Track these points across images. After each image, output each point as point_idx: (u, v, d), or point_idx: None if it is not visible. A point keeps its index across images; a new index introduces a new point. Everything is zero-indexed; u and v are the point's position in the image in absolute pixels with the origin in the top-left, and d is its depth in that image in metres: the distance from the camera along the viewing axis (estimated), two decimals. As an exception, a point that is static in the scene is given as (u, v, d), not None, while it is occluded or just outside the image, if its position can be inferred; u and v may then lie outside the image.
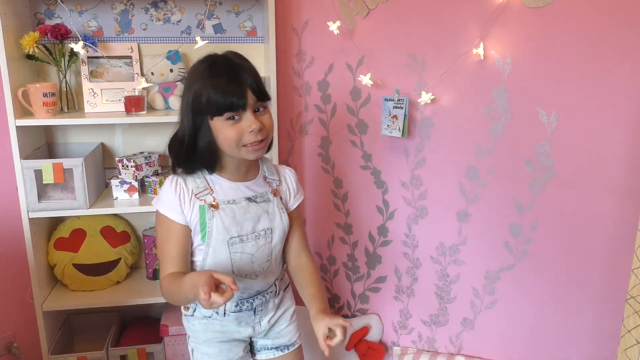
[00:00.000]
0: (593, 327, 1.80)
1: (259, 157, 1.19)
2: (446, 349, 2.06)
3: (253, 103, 1.13)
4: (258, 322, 1.32)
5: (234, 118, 1.12)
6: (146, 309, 2.17)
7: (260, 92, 1.14)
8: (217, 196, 1.19)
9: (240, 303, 1.27)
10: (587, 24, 1.61)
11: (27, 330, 2.05)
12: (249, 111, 1.12)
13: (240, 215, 1.20)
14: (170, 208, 1.18)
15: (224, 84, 1.10)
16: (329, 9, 1.90)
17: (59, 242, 1.91)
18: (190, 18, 1.97)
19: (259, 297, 1.29)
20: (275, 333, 1.37)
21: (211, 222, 1.18)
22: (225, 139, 1.13)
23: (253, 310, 1.29)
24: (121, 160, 1.87)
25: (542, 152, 1.74)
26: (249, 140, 1.13)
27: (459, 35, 1.77)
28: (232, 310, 1.27)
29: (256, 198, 1.23)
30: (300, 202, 1.34)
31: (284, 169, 1.34)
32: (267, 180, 1.28)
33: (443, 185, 1.92)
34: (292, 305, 1.40)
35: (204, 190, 1.19)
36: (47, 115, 1.72)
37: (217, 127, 1.13)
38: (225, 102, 1.10)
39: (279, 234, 1.26)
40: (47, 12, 1.88)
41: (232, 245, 1.20)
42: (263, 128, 1.14)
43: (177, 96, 1.91)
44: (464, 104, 1.82)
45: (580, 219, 1.74)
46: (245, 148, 1.14)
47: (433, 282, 2.02)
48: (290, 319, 1.39)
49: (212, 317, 1.27)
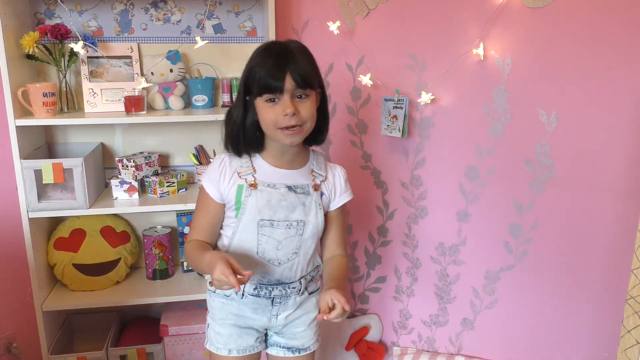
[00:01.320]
0: (593, 327, 1.80)
1: (293, 143, 1.20)
2: (446, 349, 2.06)
3: (292, 89, 1.15)
4: (275, 314, 1.31)
5: (273, 100, 1.16)
6: (146, 309, 2.17)
7: (302, 80, 1.15)
8: (257, 177, 1.23)
9: (259, 287, 1.27)
10: (586, 24, 1.61)
11: (26, 330, 2.05)
12: (286, 95, 1.15)
13: (276, 200, 1.22)
14: (210, 183, 1.24)
15: (267, 67, 1.15)
16: (329, 9, 1.90)
17: (59, 242, 1.90)
18: (190, 18, 1.97)
19: (278, 288, 1.28)
20: (290, 334, 1.36)
21: (246, 201, 1.21)
22: (263, 120, 1.18)
23: (271, 300, 1.29)
24: (121, 160, 1.87)
25: (542, 152, 1.74)
26: (282, 123, 1.16)
27: (459, 36, 1.77)
28: (250, 293, 1.28)
29: (296, 188, 1.24)
30: (344, 202, 1.33)
31: (335, 167, 1.34)
32: (313, 173, 1.29)
33: (443, 185, 1.92)
34: (313, 312, 1.37)
35: (247, 169, 1.23)
36: (47, 115, 1.72)
37: (259, 108, 1.18)
38: (264, 83, 1.15)
39: (311, 229, 1.26)
40: (47, 12, 1.88)
41: (261, 227, 1.22)
42: (297, 114, 1.15)
43: (177, 96, 1.91)
44: (464, 104, 1.82)
45: (580, 219, 1.74)
46: (280, 131, 1.17)
47: (433, 282, 2.02)
48: (309, 325, 1.37)
49: (230, 297, 1.29)
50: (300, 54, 1.17)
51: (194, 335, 1.91)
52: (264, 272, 1.26)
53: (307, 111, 1.18)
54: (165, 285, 1.96)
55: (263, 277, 1.27)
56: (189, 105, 1.97)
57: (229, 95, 1.97)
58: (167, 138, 2.04)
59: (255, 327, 1.33)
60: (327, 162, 1.34)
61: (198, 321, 1.92)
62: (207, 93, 1.93)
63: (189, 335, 1.91)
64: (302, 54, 1.18)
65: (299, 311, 1.34)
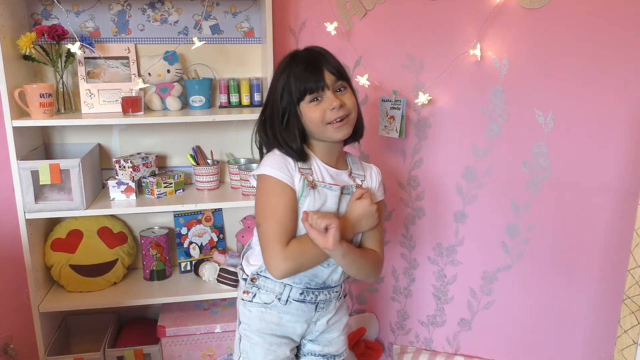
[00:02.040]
0: (589, 328, 1.80)
1: (344, 135, 1.21)
2: (443, 349, 2.07)
3: (332, 83, 1.19)
4: (315, 321, 1.30)
5: (316, 99, 1.19)
6: (143, 310, 2.16)
7: (337, 71, 1.19)
8: (316, 177, 1.22)
9: (305, 292, 1.25)
10: (583, 25, 1.61)
11: (23, 332, 2.04)
12: (329, 91, 1.18)
13: (331, 202, 1.21)
14: (280, 170, 1.19)
15: (302, 70, 1.18)
16: (327, 9, 1.90)
17: (56, 243, 1.90)
18: (188, 19, 1.96)
19: (324, 292, 1.27)
20: (325, 340, 1.35)
21: (304, 200, 1.19)
22: (311, 120, 1.19)
23: (315, 305, 1.27)
24: (118, 161, 1.87)
25: (538, 152, 1.75)
26: (331, 117, 1.18)
27: (456, 36, 1.77)
28: (295, 298, 1.25)
29: (347, 191, 1.25)
30: (379, 200, 1.32)
31: (371, 167, 1.36)
32: (352, 174, 1.30)
33: (440, 186, 1.92)
34: (345, 316, 1.39)
35: (307, 167, 1.22)
36: (44, 116, 1.71)
37: (304, 112, 1.20)
38: (305, 85, 1.17)
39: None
40: (44, 13, 1.88)
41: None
42: (344, 105, 1.19)
43: (174, 97, 1.91)
44: (461, 104, 1.82)
45: (576, 220, 1.75)
46: (330, 126, 1.19)
47: (430, 283, 2.02)
48: (342, 330, 1.38)
49: (271, 305, 1.26)
50: (326, 52, 1.23)
51: (191, 336, 1.90)
52: (313, 274, 1.24)
53: (351, 101, 1.21)
54: (162, 286, 1.96)
55: (311, 280, 1.25)
56: (187, 106, 1.97)
57: (226, 96, 1.97)
58: (164, 139, 2.04)
59: (292, 337, 1.31)
60: (361, 162, 1.36)
61: (195, 322, 1.92)
62: (204, 94, 1.93)
63: (186, 337, 1.90)
64: (328, 53, 1.23)
65: (335, 317, 1.34)
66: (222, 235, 2.12)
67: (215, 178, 1.98)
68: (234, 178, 1.99)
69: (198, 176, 1.97)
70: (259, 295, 1.27)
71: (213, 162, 1.98)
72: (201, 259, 2.05)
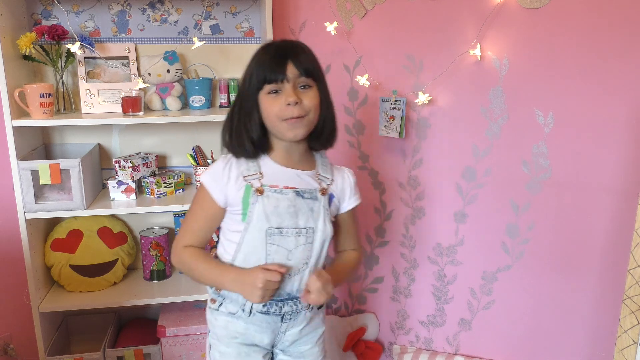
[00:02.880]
0: (590, 328, 1.80)
1: (296, 136, 1.15)
2: (443, 349, 2.07)
3: (294, 77, 1.12)
4: (284, 331, 1.25)
5: (276, 92, 1.13)
6: (143, 310, 2.16)
7: (303, 68, 1.13)
8: (264, 181, 1.17)
9: (268, 304, 1.20)
10: (583, 25, 1.61)
11: (23, 332, 2.04)
12: (289, 85, 1.12)
13: (284, 207, 1.16)
14: (215, 183, 1.18)
15: (268, 58, 1.13)
16: (326, 9, 1.90)
17: (56, 243, 1.90)
18: (188, 19, 1.96)
19: (289, 303, 1.22)
20: (298, 352, 1.29)
21: (253, 207, 1.15)
22: (266, 112, 1.14)
23: (281, 316, 1.22)
24: (118, 161, 1.87)
25: (538, 152, 1.75)
26: (286, 114, 1.12)
27: (456, 36, 1.77)
28: (259, 310, 1.21)
29: (304, 193, 1.18)
30: (354, 206, 1.28)
31: (343, 170, 1.29)
32: (319, 177, 1.23)
33: (440, 186, 1.92)
34: (321, 327, 1.32)
35: (253, 173, 1.17)
36: (44, 116, 1.71)
37: (261, 102, 1.15)
38: (265, 74, 1.12)
39: (320, 236, 1.20)
40: (44, 13, 1.88)
41: (270, 236, 1.16)
42: (300, 103, 1.12)
43: (174, 97, 1.91)
44: (461, 104, 1.82)
45: (576, 220, 1.75)
46: (284, 123, 1.13)
47: (430, 283, 2.02)
48: (317, 342, 1.31)
49: (237, 315, 1.22)
50: (300, 46, 1.17)
51: (191, 336, 1.90)
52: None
53: (311, 101, 1.14)
54: (162, 286, 1.96)
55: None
56: (187, 106, 1.97)
57: (227, 96, 1.97)
58: (164, 139, 2.04)
59: (262, 346, 1.26)
60: (333, 165, 1.29)
61: (195, 322, 1.92)
62: (204, 94, 1.93)
63: (186, 337, 1.90)
64: (303, 47, 1.17)
65: (308, 328, 1.28)
66: (222, 235, 2.12)
67: (215, 178, 1.98)
68: (234, 178, 1.99)
69: (198, 176, 1.97)
70: (225, 304, 1.23)
71: (213, 162, 1.98)
72: (201, 259, 2.05)
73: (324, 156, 1.28)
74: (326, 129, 1.20)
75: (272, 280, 1.11)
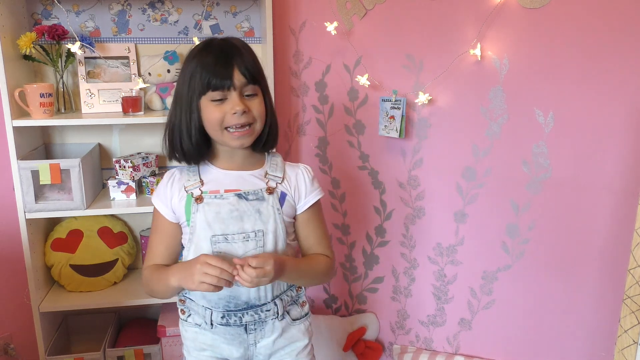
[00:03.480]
0: (590, 327, 1.80)
1: (242, 145, 1.11)
2: (443, 349, 2.07)
3: (241, 85, 1.08)
4: (253, 343, 1.19)
5: (219, 100, 1.08)
6: (143, 309, 2.17)
7: (250, 75, 1.08)
8: (205, 188, 1.14)
9: (227, 315, 1.15)
10: (583, 25, 1.61)
11: (24, 331, 2.04)
12: (235, 93, 1.08)
13: (226, 212, 1.11)
14: (162, 202, 1.17)
15: (210, 63, 1.07)
16: (327, 9, 1.90)
17: (56, 243, 1.90)
18: (188, 18, 1.96)
19: (249, 313, 1.16)
20: None
21: (195, 217, 1.12)
22: (208, 120, 1.09)
23: (244, 327, 1.17)
24: (118, 161, 1.87)
25: (538, 152, 1.75)
26: (230, 122, 1.08)
27: (456, 36, 1.77)
28: (219, 322, 1.16)
29: (247, 195, 1.13)
30: (313, 202, 1.21)
31: (298, 166, 1.23)
32: (267, 176, 1.18)
33: (440, 185, 1.92)
34: (302, 340, 1.24)
35: (194, 183, 1.15)
36: (44, 115, 1.71)
37: (203, 108, 1.09)
38: (209, 81, 1.06)
39: (272, 238, 1.14)
40: (44, 13, 1.88)
41: (215, 244, 1.12)
42: (248, 112, 1.09)
43: (175, 97, 1.91)
44: (461, 104, 1.82)
45: (577, 219, 1.75)
46: (228, 132, 1.10)
47: (430, 283, 2.02)
48: (297, 355, 1.23)
49: (202, 327, 1.18)
50: (244, 48, 1.11)
51: (191, 336, 1.90)
52: (229, 295, 1.14)
53: (257, 109, 1.10)
54: (162, 286, 1.96)
55: (229, 301, 1.15)
56: (187, 105, 1.97)
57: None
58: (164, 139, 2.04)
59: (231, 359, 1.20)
60: (287, 162, 1.23)
61: (195, 322, 1.92)
62: (204, 94, 1.93)
63: (186, 336, 1.90)
64: (246, 49, 1.12)
65: (282, 340, 1.21)
66: (222, 235, 2.12)
67: (216, 178, 1.98)
68: (234, 178, 1.99)
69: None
70: (192, 315, 1.20)
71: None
72: (201, 259, 2.05)
73: (274, 155, 1.23)
74: (270, 135, 1.17)
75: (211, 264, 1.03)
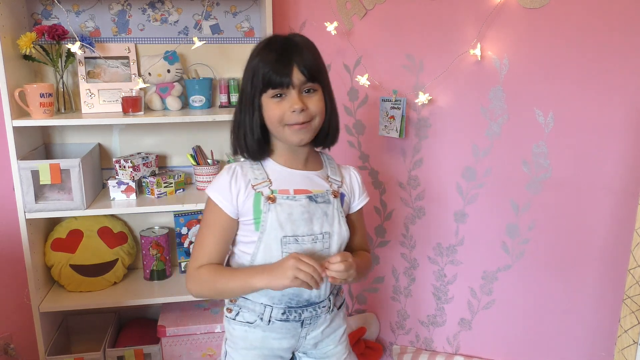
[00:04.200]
0: (590, 327, 1.80)
1: (301, 141, 1.12)
2: (443, 349, 2.07)
3: (300, 83, 1.09)
4: (304, 335, 1.21)
5: (279, 96, 1.09)
6: (143, 309, 2.16)
7: (309, 73, 1.09)
8: (274, 187, 1.13)
9: (287, 312, 1.17)
10: (583, 25, 1.61)
11: (24, 331, 2.04)
12: (294, 90, 1.09)
13: (298, 213, 1.12)
14: (222, 196, 1.13)
15: (272, 61, 1.08)
16: (327, 9, 1.90)
17: (56, 243, 1.90)
18: (188, 19, 1.96)
19: (309, 310, 1.18)
20: (321, 353, 1.26)
21: (266, 216, 1.11)
22: (269, 117, 1.11)
23: (300, 322, 1.19)
24: (118, 161, 1.87)
25: (538, 152, 1.75)
26: (290, 119, 1.09)
27: (456, 36, 1.77)
28: (277, 319, 1.17)
29: (317, 197, 1.15)
30: (363, 204, 1.26)
31: (349, 169, 1.26)
32: (329, 179, 1.20)
33: (440, 185, 1.92)
34: (342, 326, 1.29)
35: (262, 181, 1.14)
36: (44, 115, 1.71)
37: (265, 105, 1.11)
38: (269, 79, 1.08)
39: (337, 240, 1.16)
40: (44, 13, 1.88)
41: (285, 244, 1.12)
42: (306, 109, 1.09)
43: (175, 97, 1.91)
44: (461, 104, 1.82)
45: (576, 219, 1.75)
46: (288, 128, 1.10)
47: (430, 283, 2.03)
48: (340, 340, 1.28)
49: (255, 324, 1.18)
50: (305, 46, 1.12)
51: (191, 336, 1.90)
52: (293, 294, 1.15)
53: (316, 106, 1.11)
54: (162, 286, 1.96)
55: (291, 299, 1.16)
56: (187, 105, 1.97)
57: (227, 96, 1.97)
58: (164, 139, 2.04)
59: (281, 353, 1.22)
60: (338, 165, 1.26)
61: (196, 322, 1.92)
62: (204, 94, 1.93)
63: (186, 336, 1.90)
64: (308, 47, 1.13)
65: (328, 329, 1.24)
66: (222, 235, 2.12)
67: (216, 178, 1.98)
68: (234, 178, 1.99)
69: (198, 176, 1.97)
70: (242, 313, 1.19)
71: (213, 162, 1.98)
72: (201, 259, 2.05)
73: (329, 157, 1.26)
74: (331, 131, 1.18)
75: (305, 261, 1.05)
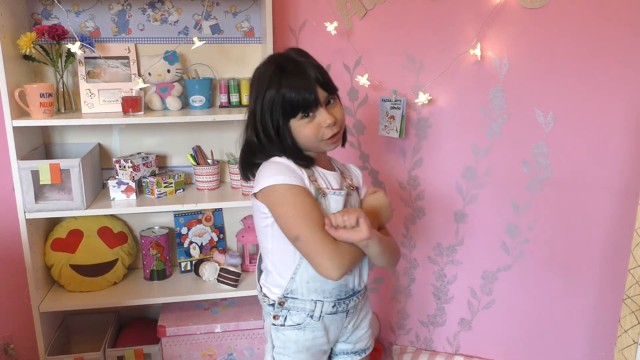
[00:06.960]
0: (590, 327, 1.80)
1: (335, 147, 1.21)
2: (444, 349, 2.07)
3: (324, 98, 1.14)
4: (347, 325, 1.28)
5: (308, 115, 1.14)
6: (143, 309, 2.16)
7: (328, 85, 1.15)
8: (321, 183, 1.19)
9: (337, 304, 1.22)
10: (583, 25, 1.61)
11: (24, 332, 2.04)
12: (322, 108, 1.14)
13: (334, 209, 1.17)
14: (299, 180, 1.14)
15: (295, 87, 1.12)
16: (327, 9, 1.90)
17: (56, 243, 1.90)
18: (188, 18, 1.96)
19: (353, 299, 1.25)
20: (356, 338, 1.32)
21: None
22: (305, 137, 1.15)
23: (346, 312, 1.25)
24: (118, 161, 1.87)
25: (538, 152, 1.75)
26: (326, 134, 1.15)
27: (456, 36, 1.77)
28: (327, 312, 1.22)
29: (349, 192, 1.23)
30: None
31: (351, 166, 1.35)
32: (344, 175, 1.28)
33: (440, 185, 1.92)
34: (370, 311, 1.36)
35: (312, 175, 1.19)
36: (44, 115, 1.71)
37: (295, 127, 1.15)
38: (298, 103, 1.12)
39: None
40: (44, 13, 1.88)
41: None
42: (337, 121, 1.16)
43: (175, 97, 1.91)
44: (461, 104, 1.82)
45: (577, 219, 1.75)
46: (324, 141, 1.17)
47: (430, 283, 2.03)
48: (369, 324, 1.36)
49: (303, 325, 1.22)
50: (312, 60, 1.18)
51: (191, 336, 1.90)
52: (342, 284, 1.21)
53: (341, 114, 1.18)
54: (162, 286, 1.96)
55: (341, 290, 1.22)
56: (187, 105, 1.97)
57: (227, 96, 1.97)
58: (164, 139, 2.04)
59: (326, 347, 1.28)
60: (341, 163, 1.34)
61: (196, 322, 1.92)
62: (204, 94, 1.93)
63: (186, 336, 1.90)
64: (312, 60, 1.18)
65: (361, 314, 1.32)
66: (222, 235, 2.12)
67: (216, 178, 1.98)
68: (234, 178, 1.99)
69: (198, 176, 1.97)
70: (290, 317, 1.23)
71: (213, 162, 1.98)
72: (201, 259, 2.05)
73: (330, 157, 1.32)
74: (345, 133, 1.25)
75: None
